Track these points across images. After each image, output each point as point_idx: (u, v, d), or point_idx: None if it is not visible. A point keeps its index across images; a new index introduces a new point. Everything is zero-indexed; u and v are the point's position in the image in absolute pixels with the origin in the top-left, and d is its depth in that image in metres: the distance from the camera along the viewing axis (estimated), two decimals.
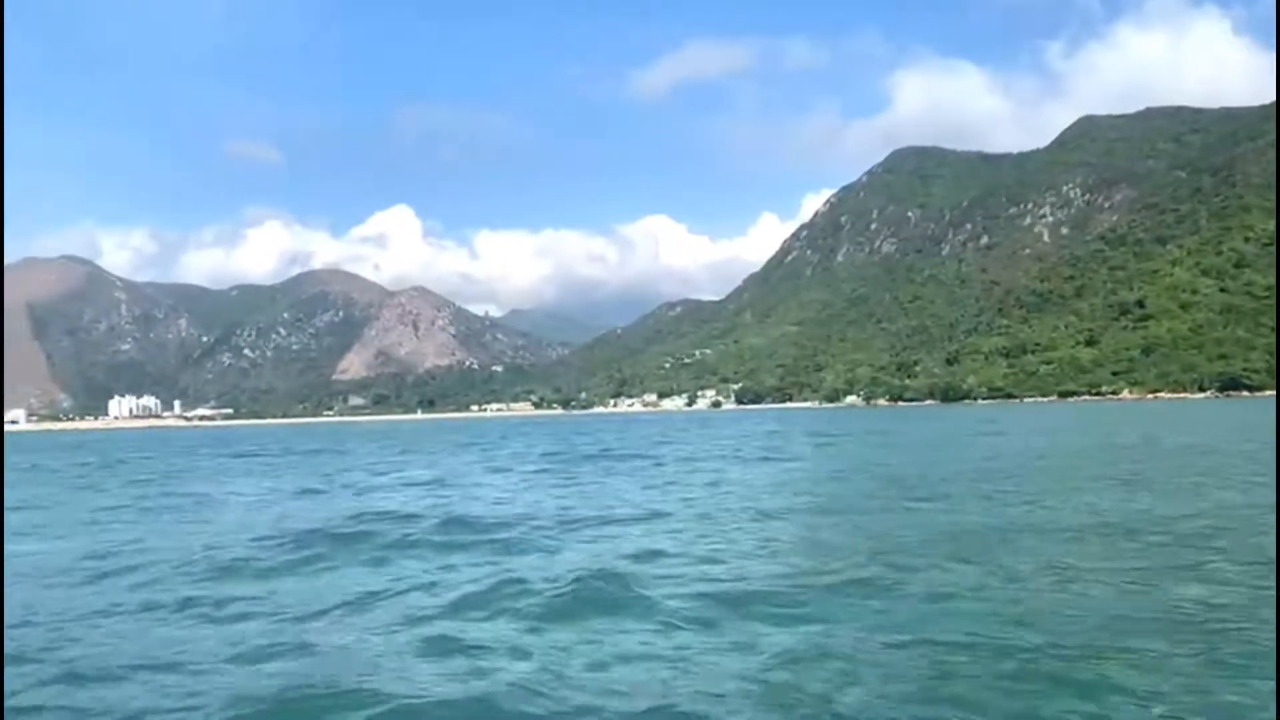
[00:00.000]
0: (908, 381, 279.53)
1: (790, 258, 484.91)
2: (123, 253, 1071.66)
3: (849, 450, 45.31)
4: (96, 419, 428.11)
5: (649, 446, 53.01)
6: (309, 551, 14.86)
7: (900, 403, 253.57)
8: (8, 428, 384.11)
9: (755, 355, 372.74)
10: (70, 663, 8.81)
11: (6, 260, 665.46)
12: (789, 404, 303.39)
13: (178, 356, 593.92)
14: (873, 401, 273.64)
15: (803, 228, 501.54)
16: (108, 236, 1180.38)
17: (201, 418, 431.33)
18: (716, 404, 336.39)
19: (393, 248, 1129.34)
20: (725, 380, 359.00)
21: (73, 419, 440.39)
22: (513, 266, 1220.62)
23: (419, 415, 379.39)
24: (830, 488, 26.01)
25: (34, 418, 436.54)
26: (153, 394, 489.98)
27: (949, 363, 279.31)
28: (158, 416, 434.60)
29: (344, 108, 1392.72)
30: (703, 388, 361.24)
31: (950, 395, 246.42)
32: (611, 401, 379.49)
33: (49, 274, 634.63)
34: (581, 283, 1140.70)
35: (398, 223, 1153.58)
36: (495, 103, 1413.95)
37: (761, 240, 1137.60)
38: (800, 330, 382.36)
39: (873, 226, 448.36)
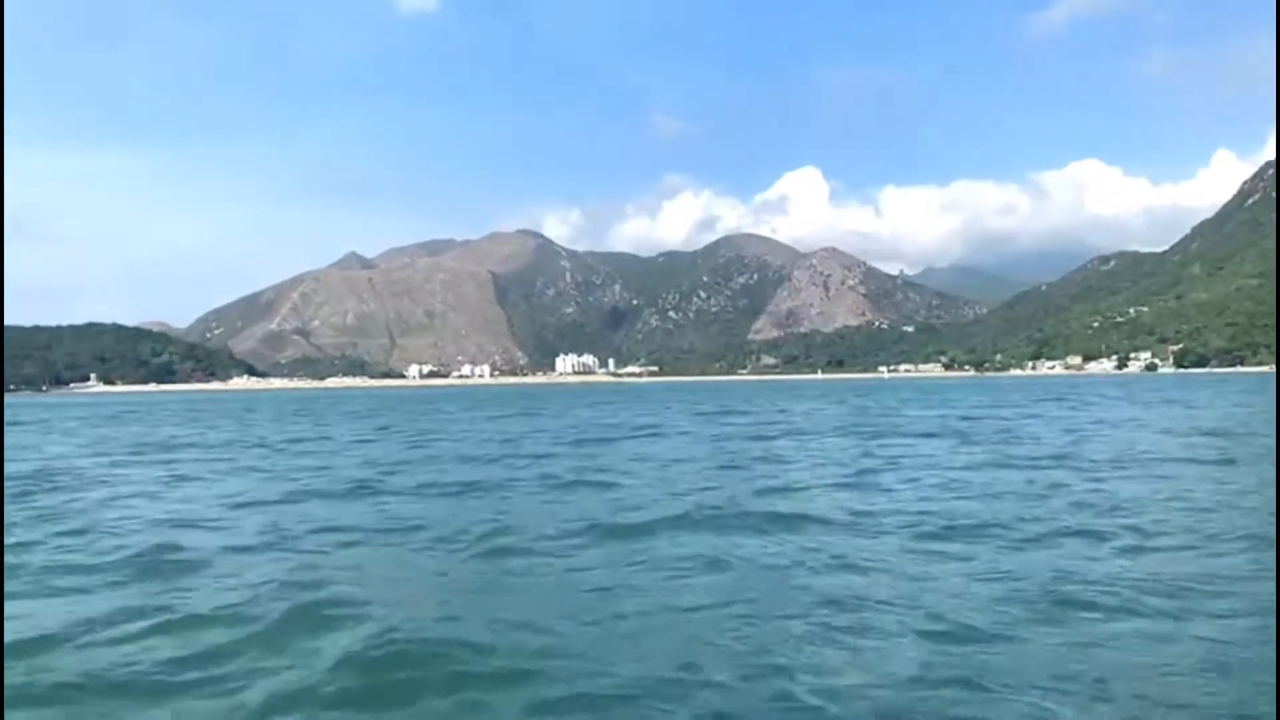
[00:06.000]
0: None
1: (1252, 201, 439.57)
2: (562, 226, 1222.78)
3: None
4: (546, 374, 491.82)
5: None
6: None
7: None
8: (475, 381, 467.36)
9: (1202, 313, 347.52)
10: None
11: (476, 236, 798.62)
12: (1238, 369, 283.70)
13: (611, 318, 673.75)
14: None
15: (1268, 165, 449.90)
16: (549, 212, 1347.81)
17: (630, 374, 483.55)
18: (1151, 367, 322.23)
19: (795, 210, 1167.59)
20: (1163, 340, 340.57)
21: (527, 374, 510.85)
22: (917, 223, 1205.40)
23: (819, 375, 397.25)
24: None
25: (496, 373, 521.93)
26: (590, 352, 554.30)
27: None
28: (592, 373, 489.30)
29: (750, 75, 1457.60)
30: (1136, 349, 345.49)
31: None
32: (1030, 364, 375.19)
33: (508, 246, 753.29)
34: (991, 236, 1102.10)
35: (805, 184, 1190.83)
36: (894, 59, 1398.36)
37: (1215, 182, 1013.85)
38: (1260, 284, 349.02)
39: None
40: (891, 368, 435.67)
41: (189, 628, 9.03)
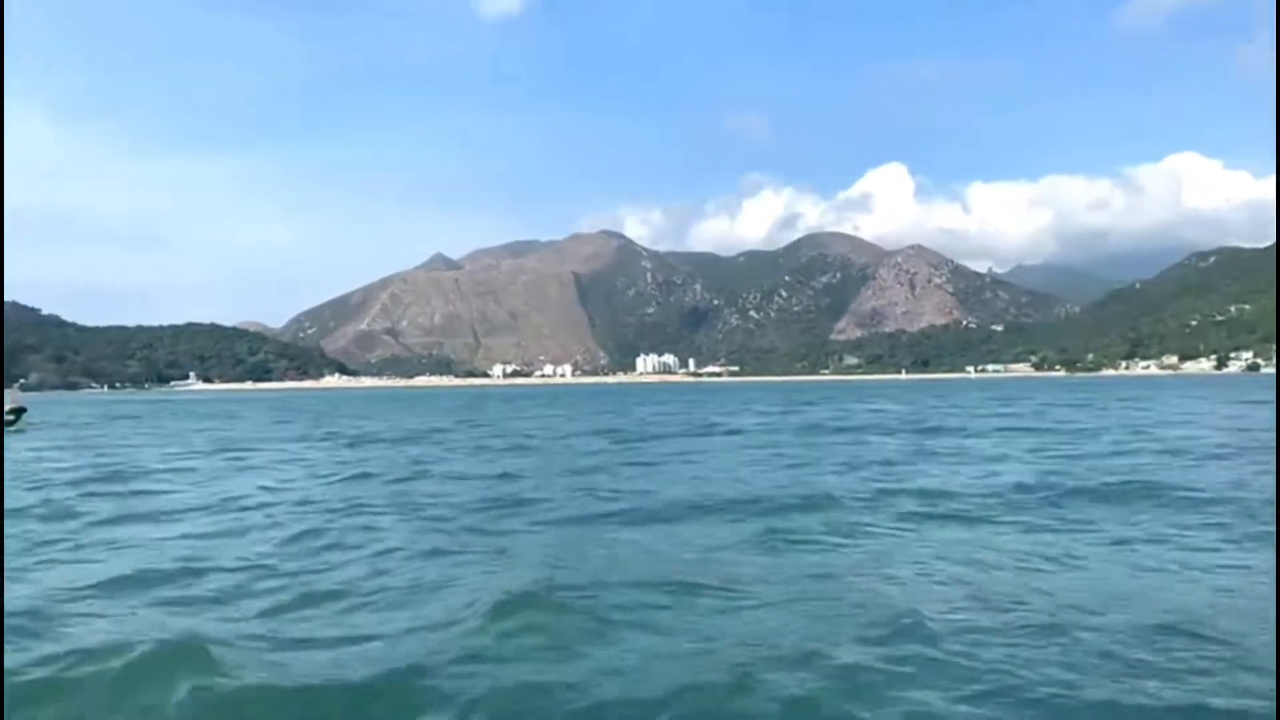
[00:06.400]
0: None
1: None
2: (643, 227, 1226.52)
3: None
4: (626, 374, 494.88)
5: None
6: None
7: None
8: (556, 380, 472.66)
9: None
10: None
11: (560, 236, 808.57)
12: None
13: (692, 318, 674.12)
14: None
15: None
16: (630, 213, 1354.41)
17: (710, 374, 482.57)
18: (1253, 367, 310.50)
19: (879, 207, 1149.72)
20: (1266, 340, 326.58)
21: (607, 374, 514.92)
22: (1007, 219, 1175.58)
23: (903, 375, 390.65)
24: None
25: (577, 372, 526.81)
26: (670, 352, 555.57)
27: None
28: (672, 372, 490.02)
29: (831, 72, 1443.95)
30: (1237, 348, 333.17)
31: None
32: (1123, 364, 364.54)
33: (590, 247, 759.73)
34: (1084, 233, 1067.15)
35: (889, 181, 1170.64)
36: (980, 51, 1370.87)
37: None
38: None
39: None
40: (979, 368, 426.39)
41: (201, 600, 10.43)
